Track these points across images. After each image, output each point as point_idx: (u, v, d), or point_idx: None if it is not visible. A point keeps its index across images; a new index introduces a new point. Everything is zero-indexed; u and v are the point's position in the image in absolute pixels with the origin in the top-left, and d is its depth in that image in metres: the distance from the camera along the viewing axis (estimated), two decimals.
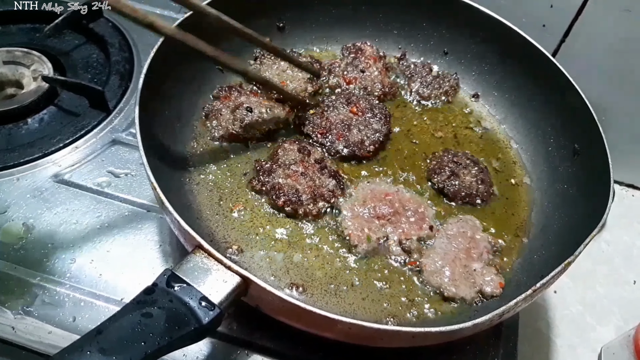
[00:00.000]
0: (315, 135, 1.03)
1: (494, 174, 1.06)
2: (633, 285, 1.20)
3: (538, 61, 1.06)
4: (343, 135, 1.02)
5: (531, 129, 1.11)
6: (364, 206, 0.93)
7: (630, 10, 1.05)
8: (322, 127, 1.03)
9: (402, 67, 1.21)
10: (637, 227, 1.30)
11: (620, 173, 1.35)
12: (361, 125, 1.03)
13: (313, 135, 1.03)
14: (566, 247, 0.79)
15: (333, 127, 1.03)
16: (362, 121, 1.04)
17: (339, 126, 1.03)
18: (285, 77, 1.11)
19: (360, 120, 1.04)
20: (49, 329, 0.85)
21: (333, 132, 1.03)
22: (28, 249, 0.92)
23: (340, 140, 1.02)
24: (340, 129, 1.03)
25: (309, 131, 1.03)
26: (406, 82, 1.19)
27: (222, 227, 0.90)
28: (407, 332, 0.69)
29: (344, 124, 1.03)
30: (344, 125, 1.03)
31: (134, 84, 1.21)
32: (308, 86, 1.11)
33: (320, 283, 0.85)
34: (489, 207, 1.00)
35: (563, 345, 1.09)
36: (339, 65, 1.16)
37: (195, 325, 0.63)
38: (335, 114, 1.05)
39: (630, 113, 1.20)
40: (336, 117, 1.04)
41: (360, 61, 1.16)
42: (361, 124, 1.04)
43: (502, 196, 1.03)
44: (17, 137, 1.10)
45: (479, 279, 0.87)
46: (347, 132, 1.03)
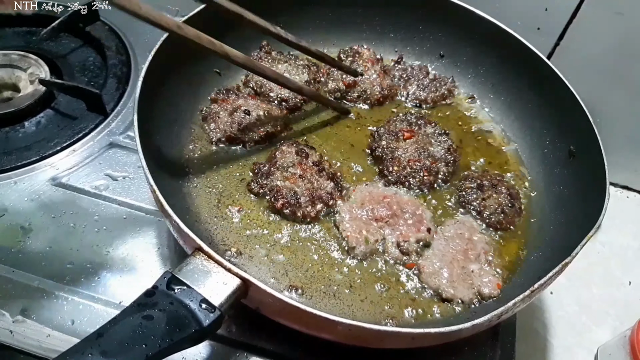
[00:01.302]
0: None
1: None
2: (628, 286, 1.21)
3: (533, 64, 1.07)
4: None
5: (527, 131, 1.12)
6: (362, 208, 0.93)
7: (622, 13, 1.06)
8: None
9: (398, 69, 1.21)
10: (632, 228, 1.31)
11: (616, 175, 1.36)
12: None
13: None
14: (563, 248, 0.80)
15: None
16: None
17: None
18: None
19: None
20: (48, 332, 0.84)
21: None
22: (26, 252, 0.92)
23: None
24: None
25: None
26: (403, 85, 1.19)
27: (220, 230, 0.90)
28: (406, 333, 0.70)
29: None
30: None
31: (131, 87, 1.21)
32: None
33: (319, 285, 0.86)
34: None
35: (560, 346, 1.09)
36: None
37: (196, 327, 0.63)
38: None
39: (625, 115, 1.21)
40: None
41: (358, 64, 1.16)
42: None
43: None
44: (14, 140, 1.10)
45: (477, 280, 0.87)
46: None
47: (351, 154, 1.05)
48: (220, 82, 1.11)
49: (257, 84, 1.11)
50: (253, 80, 1.11)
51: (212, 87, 1.09)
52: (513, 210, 0.98)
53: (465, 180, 1.02)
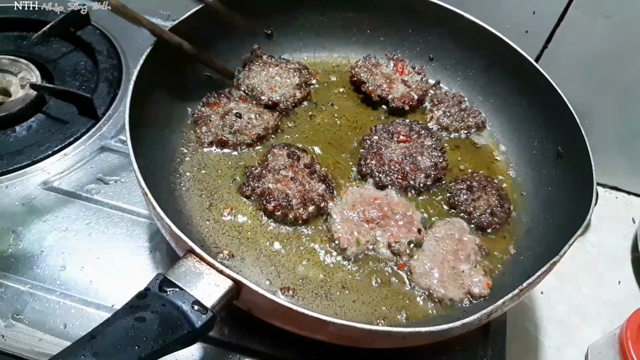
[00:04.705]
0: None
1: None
2: (618, 285, 1.22)
3: (521, 66, 1.08)
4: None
5: (515, 133, 1.13)
6: (354, 210, 0.94)
7: (609, 16, 1.08)
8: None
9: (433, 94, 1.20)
10: (621, 228, 1.33)
11: (604, 176, 1.38)
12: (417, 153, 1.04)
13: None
14: (551, 248, 0.81)
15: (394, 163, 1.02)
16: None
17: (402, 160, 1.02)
18: (274, 83, 1.12)
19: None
20: (40, 336, 0.84)
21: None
22: (18, 256, 0.92)
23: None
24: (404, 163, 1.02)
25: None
26: (430, 107, 1.19)
27: (212, 233, 0.90)
28: (397, 333, 0.70)
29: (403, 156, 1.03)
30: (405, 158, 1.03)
31: (122, 91, 1.21)
32: (297, 92, 1.12)
33: (311, 286, 0.86)
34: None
35: (551, 346, 1.10)
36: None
37: (188, 329, 0.64)
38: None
39: (612, 116, 1.22)
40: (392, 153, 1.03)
41: (375, 75, 1.18)
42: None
43: None
44: (5, 145, 1.10)
45: (467, 280, 0.88)
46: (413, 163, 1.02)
47: (343, 157, 1.06)
48: (211, 86, 1.11)
49: (249, 87, 1.11)
50: (244, 83, 1.12)
51: (204, 91, 1.09)
52: (502, 211, 0.99)
53: (455, 181, 1.03)
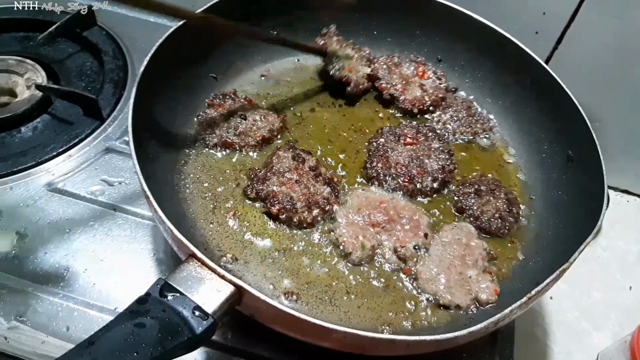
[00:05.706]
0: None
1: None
2: (629, 291, 1.20)
3: (531, 68, 1.07)
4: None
5: (525, 136, 1.11)
6: (359, 214, 0.93)
7: (620, 17, 1.06)
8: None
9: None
10: (632, 232, 1.30)
11: (615, 179, 1.35)
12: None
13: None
14: (561, 254, 0.79)
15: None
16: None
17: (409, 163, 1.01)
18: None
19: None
20: (43, 338, 0.84)
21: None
22: (21, 258, 0.92)
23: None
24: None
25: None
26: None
27: (216, 236, 0.89)
28: (402, 341, 0.69)
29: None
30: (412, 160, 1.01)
31: (127, 92, 1.21)
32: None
33: (315, 291, 0.85)
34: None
35: (560, 352, 1.08)
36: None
37: (188, 335, 0.63)
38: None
39: (623, 119, 1.20)
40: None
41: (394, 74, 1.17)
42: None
43: None
44: (11, 145, 1.10)
45: (475, 286, 0.87)
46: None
47: (348, 159, 1.05)
48: (216, 87, 1.10)
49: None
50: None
51: (209, 92, 1.08)
52: (511, 215, 0.97)
53: (463, 185, 1.01)
